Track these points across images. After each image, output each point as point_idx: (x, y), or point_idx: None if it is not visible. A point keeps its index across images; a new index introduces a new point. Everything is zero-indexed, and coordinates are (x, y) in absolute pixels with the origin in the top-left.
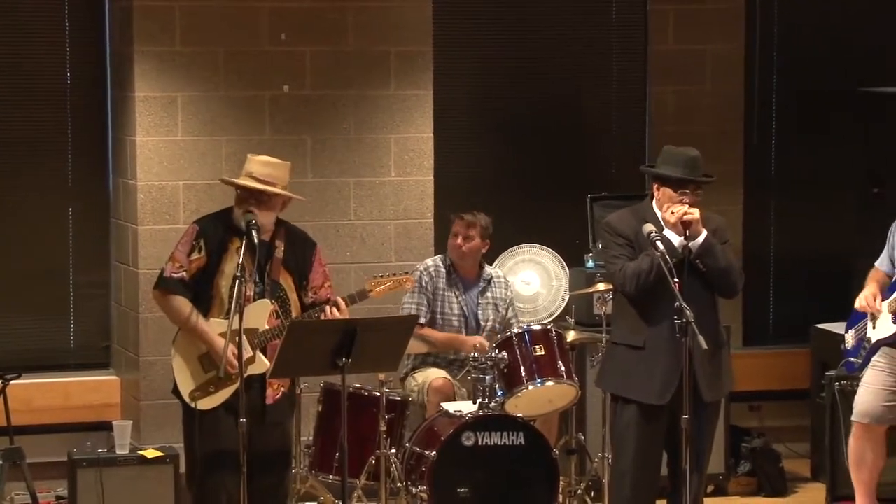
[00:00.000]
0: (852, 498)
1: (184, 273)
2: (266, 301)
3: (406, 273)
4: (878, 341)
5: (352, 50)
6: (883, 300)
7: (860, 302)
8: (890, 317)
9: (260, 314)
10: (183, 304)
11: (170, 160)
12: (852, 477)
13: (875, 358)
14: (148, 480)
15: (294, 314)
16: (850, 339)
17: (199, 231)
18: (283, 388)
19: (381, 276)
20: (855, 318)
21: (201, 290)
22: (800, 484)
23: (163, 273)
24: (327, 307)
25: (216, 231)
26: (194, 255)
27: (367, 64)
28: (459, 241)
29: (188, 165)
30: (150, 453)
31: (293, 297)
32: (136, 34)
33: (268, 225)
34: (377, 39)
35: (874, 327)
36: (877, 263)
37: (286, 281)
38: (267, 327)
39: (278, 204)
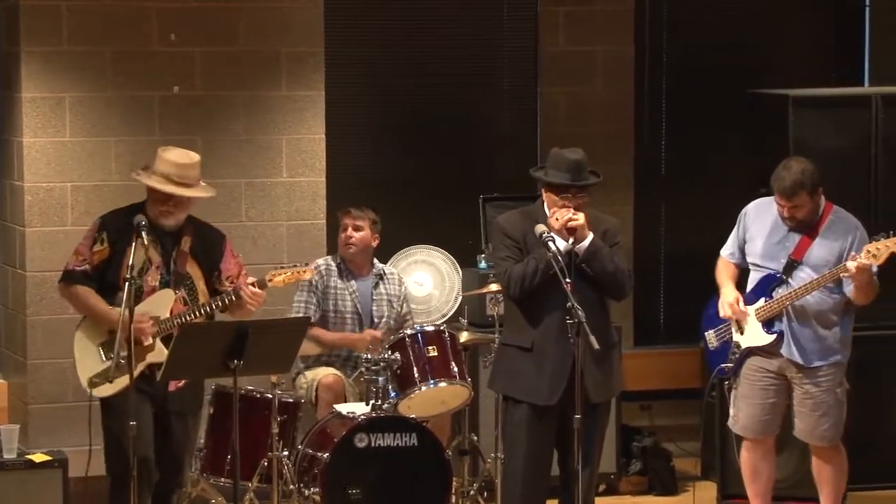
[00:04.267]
0: (742, 496)
1: (86, 266)
2: (169, 291)
3: (307, 264)
4: (749, 348)
5: (242, 50)
6: (746, 303)
7: (725, 311)
8: (760, 324)
9: (162, 303)
10: (85, 291)
11: (58, 161)
12: (748, 490)
13: (746, 368)
14: (36, 485)
15: (202, 301)
16: (712, 339)
17: (101, 224)
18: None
19: (282, 268)
20: (714, 319)
21: (106, 281)
22: (690, 482)
23: (67, 267)
24: (246, 285)
25: (118, 224)
26: (97, 247)
27: (258, 65)
28: (349, 232)
29: (76, 167)
30: (39, 457)
31: (200, 285)
32: (22, 33)
33: (181, 219)
34: (268, 40)
35: (742, 332)
36: (725, 254)
37: (193, 270)
38: (168, 316)
39: (195, 202)
